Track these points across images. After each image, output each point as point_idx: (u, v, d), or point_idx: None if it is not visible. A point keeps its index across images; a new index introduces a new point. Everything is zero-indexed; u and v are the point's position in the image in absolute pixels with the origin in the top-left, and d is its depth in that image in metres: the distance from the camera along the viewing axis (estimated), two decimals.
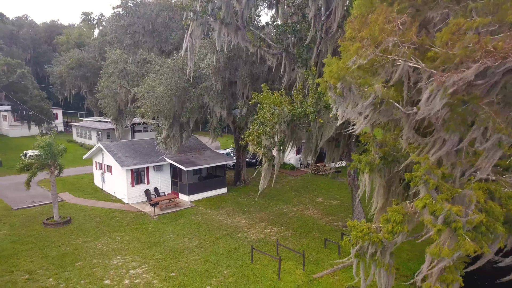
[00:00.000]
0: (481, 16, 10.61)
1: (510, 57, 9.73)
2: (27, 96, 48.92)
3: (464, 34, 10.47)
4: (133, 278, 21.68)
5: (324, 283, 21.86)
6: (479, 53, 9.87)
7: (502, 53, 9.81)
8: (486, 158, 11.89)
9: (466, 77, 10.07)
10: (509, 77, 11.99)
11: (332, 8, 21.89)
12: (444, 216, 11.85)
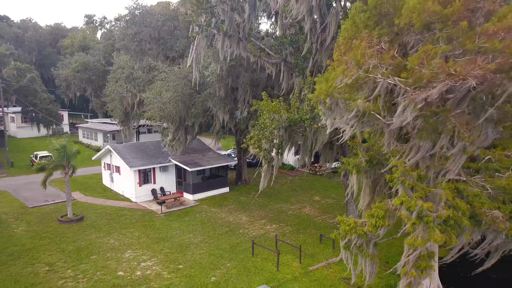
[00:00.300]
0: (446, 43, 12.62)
1: (468, 79, 11.73)
2: (36, 99, 50.97)
3: (432, 58, 12.49)
4: (144, 270, 23.70)
5: (319, 275, 23.88)
6: (443, 75, 11.87)
7: (461, 76, 11.82)
8: (453, 161, 13.91)
9: (432, 95, 12.09)
10: (478, 91, 14.02)
11: (326, 22, 23.90)
12: (417, 211, 13.86)
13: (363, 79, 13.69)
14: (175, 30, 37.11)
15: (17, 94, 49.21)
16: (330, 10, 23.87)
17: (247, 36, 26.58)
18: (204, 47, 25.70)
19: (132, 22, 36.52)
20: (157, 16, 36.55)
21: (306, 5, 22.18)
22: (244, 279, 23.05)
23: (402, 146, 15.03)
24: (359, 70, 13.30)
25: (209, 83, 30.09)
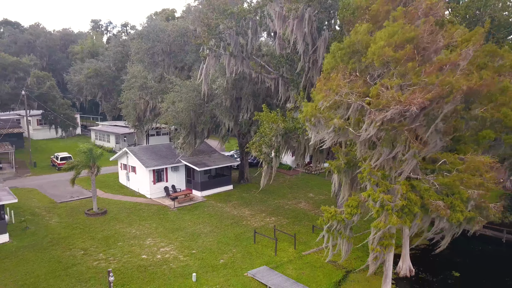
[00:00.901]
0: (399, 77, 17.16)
1: (411, 106, 16.25)
2: (55, 105, 55.43)
3: (388, 89, 17.03)
4: (163, 254, 28.27)
5: (310, 258, 28.49)
6: (394, 102, 16.40)
7: (407, 103, 16.35)
8: (407, 164, 18.45)
9: (387, 116, 16.60)
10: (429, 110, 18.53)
11: (317, 46, 28.46)
12: (380, 202, 18.40)
13: (339, 102, 18.22)
14: (185, 45, 41.56)
15: (39, 100, 53.72)
16: (321, 35, 28.42)
17: (249, 55, 31.11)
18: (213, 65, 30.26)
19: (147, 38, 40.94)
20: (169, 32, 40.98)
21: (300, 32, 26.68)
22: (247, 261, 27.62)
23: (370, 152, 19.56)
24: (336, 96, 17.84)
25: (216, 94, 34.59)
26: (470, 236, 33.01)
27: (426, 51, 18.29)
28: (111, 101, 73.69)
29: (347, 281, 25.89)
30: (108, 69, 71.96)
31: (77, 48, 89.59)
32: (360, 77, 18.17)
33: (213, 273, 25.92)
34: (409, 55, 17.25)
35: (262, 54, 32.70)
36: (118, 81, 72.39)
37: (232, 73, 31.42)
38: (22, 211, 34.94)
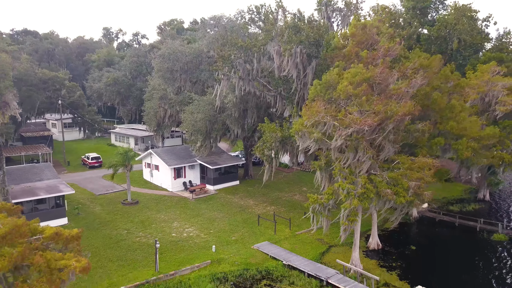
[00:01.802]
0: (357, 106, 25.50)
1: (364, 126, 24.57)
2: (84, 111, 63.68)
3: (350, 113, 25.39)
4: (188, 233, 36.65)
5: (301, 237, 36.85)
6: (353, 123, 24.74)
7: (361, 124, 24.69)
8: (365, 164, 26.83)
9: (348, 133, 24.94)
10: (383, 125, 26.85)
11: (306, 72, 36.83)
12: (346, 190, 26.75)
13: (318, 121, 26.59)
14: (199, 64, 49.74)
15: (71, 107, 61.94)
16: (310, 63, 36.78)
17: (254, 77, 39.44)
18: (226, 86, 38.58)
19: (168, 59, 49.13)
20: (186, 54, 49.17)
21: (293, 63, 35.03)
22: (253, 238, 36.03)
23: (341, 155, 27.96)
24: (316, 117, 26.22)
25: (227, 107, 42.78)
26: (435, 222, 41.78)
27: (381, 84, 26.58)
28: (127, 106, 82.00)
29: (329, 252, 34.29)
30: (124, 78, 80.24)
31: (94, 56, 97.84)
32: (333, 104, 26.52)
33: (228, 246, 34.35)
34: (365, 91, 25.59)
35: (264, 75, 40.92)
36: (134, 88, 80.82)
37: (240, 91, 39.75)
38: (71, 201, 43.29)
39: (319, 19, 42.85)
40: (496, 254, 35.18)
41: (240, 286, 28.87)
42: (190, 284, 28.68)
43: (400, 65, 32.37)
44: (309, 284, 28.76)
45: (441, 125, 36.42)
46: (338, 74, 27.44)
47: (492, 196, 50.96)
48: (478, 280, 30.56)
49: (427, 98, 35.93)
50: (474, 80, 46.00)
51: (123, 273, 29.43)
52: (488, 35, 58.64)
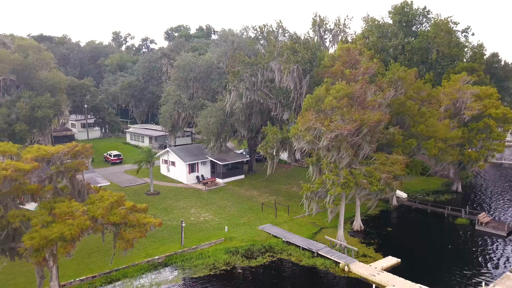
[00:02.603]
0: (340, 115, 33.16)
1: (344, 131, 32.22)
2: (105, 114, 71.20)
3: (333, 121, 33.07)
4: (204, 217, 44.34)
5: (299, 220, 44.54)
6: (336, 128, 32.38)
7: (342, 129, 32.35)
8: (345, 160, 34.53)
9: (332, 136, 32.58)
10: (361, 129, 34.51)
11: (302, 84, 44.47)
12: (332, 180, 34.46)
13: (310, 127, 34.26)
14: (210, 74, 57.27)
15: (94, 110, 69.48)
16: (305, 77, 44.40)
17: (258, 88, 47.06)
18: (235, 95, 46.19)
19: (183, 69, 56.62)
20: (199, 64, 56.69)
21: (291, 78, 42.66)
22: (258, 221, 43.72)
23: (328, 153, 35.65)
24: (308, 124, 33.89)
25: (235, 112, 50.34)
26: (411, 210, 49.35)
27: (359, 98, 34.14)
28: (140, 108, 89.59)
29: (320, 232, 41.93)
30: (137, 82, 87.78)
31: (107, 61, 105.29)
32: (321, 113, 34.15)
33: (237, 227, 42.08)
34: (346, 103, 33.22)
35: (267, 85, 48.47)
36: (146, 92, 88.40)
37: (247, 99, 47.35)
38: None
39: (314, 37, 50.46)
40: (457, 234, 42.89)
41: (248, 256, 36.55)
42: (209, 255, 36.39)
43: (377, 80, 40.00)
44: (303, 255, 36.45)
45: (413, 128, 44.07)
46: (326, 90, 35.06)
47: (464, 188, 58.60)
48: (440, 252, 38.22)
49: (402, 106, 43.66)
50: (447, 88, 53.84)
51: (155, 247, 37.15)
52: (464, 47, 66.09)
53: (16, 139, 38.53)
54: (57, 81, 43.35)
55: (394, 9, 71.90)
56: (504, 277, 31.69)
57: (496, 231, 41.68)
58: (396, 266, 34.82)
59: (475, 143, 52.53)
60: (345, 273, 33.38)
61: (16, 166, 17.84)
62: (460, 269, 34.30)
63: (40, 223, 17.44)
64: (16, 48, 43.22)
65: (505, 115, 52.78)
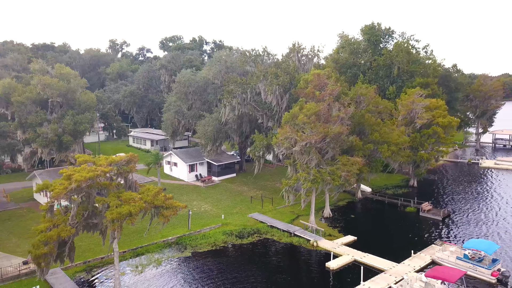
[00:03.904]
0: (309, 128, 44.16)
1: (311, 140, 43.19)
2: (113, 120, 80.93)
3: (304, 132, 44.09)
4: (204, 208, 54.98)
5: (280, 210, 55.48)
6: (306, 138, 43.34)
7: (311, 139, 43.34)
8: (313, 161, 45.58)
9: (303, 143, 43.50)
10: (325, 139, 45.57)
11: (283, 101, 55.44)
12: (304, 177, 45.48)
13: (287, 137, 45.21)
14: (207, 88, 67.74)
15: (102, 117, 79.28)
16: (285, 94, 55.32)
17: (248, 102, 57.80)
18: (229, 109, 56.86)
19: (183, 84, 66.94)
20: (197, 80, 67.05)
21: (274, 96, 53.53)
22: (248, 211, 54.54)
23: (301, 156, 46.67)
24: (285, 135, 44.83)
25: (229, 122, 60.97)
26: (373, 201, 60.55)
27: (325, 114, 45.07)
28: (140, 114, 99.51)
29: (297, 219, 52.83)
30: (138, 90, 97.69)
31: (108, 70, 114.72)
32: (295, 127, 45.07)
33: (232, 215, 52.82)
34: (314, 119, 44.20)
35: (255, 100, 59.24)
36: (146, 99, 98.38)
37: (238, 112, 58.07)
38: None
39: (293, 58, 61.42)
40: (406, 219, 54.28)
41: (241, 237, 47.29)
42: (210, 236, 47.00)
43: (341, 99, 51.08)
44: (283, 235, 47.30)
45: (371, 135, 55.40)
46: (300, 108, 46.00)
47: (419, 183, 70.27)
48: (389, 233, 49.46)
49: (362, 118, 54.90)
50: (404, 100, 65.41)
51: (168, 230, 47.60)
52: (421, 64, 77.80)
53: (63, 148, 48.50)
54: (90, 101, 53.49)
55: (364, 28, 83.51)
56: (429, 247, 43.06)
57: (434, 216, 53.26)
58: (353, 242, 45.87)
59: (426, 146, 64.14)
60: (314, 247, 44.30)
61: (101, 169, 27.96)
62: (401, 243, 45.59)
63: (115, 204, 27.58)
64: (58, 76, 53.12)
65: (450, 123, 64.61)
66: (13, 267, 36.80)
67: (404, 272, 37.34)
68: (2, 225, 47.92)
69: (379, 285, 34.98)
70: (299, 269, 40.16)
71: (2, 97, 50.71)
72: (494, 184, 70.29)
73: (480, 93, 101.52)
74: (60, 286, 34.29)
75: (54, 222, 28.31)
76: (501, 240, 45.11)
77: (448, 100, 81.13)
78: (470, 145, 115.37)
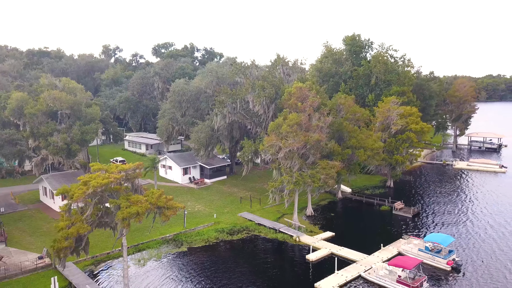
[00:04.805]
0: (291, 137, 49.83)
1: (294, 146, 48.84)
2: (110, 126, 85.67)
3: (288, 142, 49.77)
4: (198, 208, 60.28)
5: (267, 209, 61.06)
6: (288, 145, 48.97)
7: (292, 146, 48.99)
8: (296, 166, 51.26)
9: (286, 150, 49.10)
10: (306, 145, 51.26)
11: (270, 109, 61.07)
12: (287, 180, 51.11)
13: (272, 144, 50.81)
14: (199, 97, 73.02)
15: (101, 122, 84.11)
16: (272, 104, 60.93)
17: (238, 111, 63.26)
18: (220, 118, 62.24)
19: (177, 94, 72.12)
20: (190, 89, 72.29)
21: (261, 106, 59.09)
22: (238, 210, 59.99)
23: (285, 161, 52.32)
24: (271, 142, 50.45)
25: (220, 129, 66.36)
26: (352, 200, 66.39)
27: (306, 124, 50.70)
28: (134, 119, 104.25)
29: (282, 217, 58.45)
30: (132, 96, 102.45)
31: (103, 76, 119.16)
32: (280, 135, 50.66)
33: (223, 215, 58.23)
34: (295, 129, 49.84)
35: (244, 108, 64.74)
36: (140, 105, 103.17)
37: (229, 120, 63.47)
38: None
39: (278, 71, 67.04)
40: (380, 217, 60.24)
41: (231, 234, 52.71)
42: (204, 233, 52.33)
43: (321, 109, 56.82)
44: (269, 232, 52.83)
45: (349, 141, 61.27)
46: (283, 119, 51.64)
47: (395, 184, 76.44)
48: (364, 229, 55.32)
49: (341, 125, 60.73)
50: (381, 108, 71.45)
51: (166, 228, 52.82)
52: (397, 73, 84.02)
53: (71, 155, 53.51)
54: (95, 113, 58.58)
55: (346, 39, 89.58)
56: (397, 241, 48.99)
57: (405, 214, 59.33)
58: (331, 237, 51.57)
59: (400, 150, 70.26)
60: (296, 242, 49.88)
61: (114, 176, 33.11)
62: (373, 238, 51.44)
63: (125, 206, 32.74)
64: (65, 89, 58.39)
65: (422, 129, 70.83)
66: (30, 261, 41.77)
67: (373, 262, 43.11)
68: (14, 225, 52.68)
69: (351, 273, 40.70)
70: (283, 261, 45.73)
71: (15, 109, 55.58)
72: (463, 185, 76.84)
73: (455, 98, 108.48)
74: (73, 277, 39.40)
75: (72, 220, 33.42)
76: (458, 234, 51.29)
77: (423, 107, 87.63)
78: (448, 147, 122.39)
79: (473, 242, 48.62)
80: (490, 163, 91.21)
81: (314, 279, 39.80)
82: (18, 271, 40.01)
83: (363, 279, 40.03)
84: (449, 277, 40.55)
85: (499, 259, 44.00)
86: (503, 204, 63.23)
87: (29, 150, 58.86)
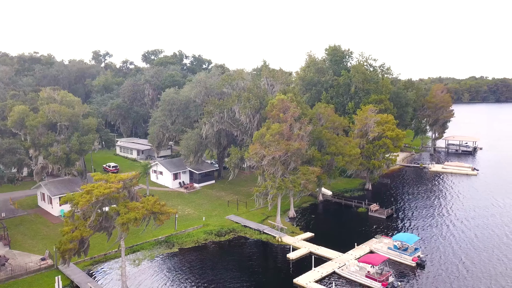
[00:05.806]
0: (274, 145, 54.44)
1: (276, 154, 53.43)
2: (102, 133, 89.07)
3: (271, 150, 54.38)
4: (188, 211, 64.46)
5: (253, 212, 65.54)
6: (271, 153, 53.55)
7: (275, 153, 53.58)
8: (278, 172, 55.86)
9: (269, 157, 53.66)
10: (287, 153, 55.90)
11: (255, 119, 65.62)
12: (270, 185, 55.68)
13: (256, 152, 55.37)
14: (189, 106, 77.19)
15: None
16: (256, 114, 65.48)
17: (225, 120, 67.66)
18: (208, 126, 66.52)
19: (168, 103, 76.17)
20: (179, 98, 76.42)
21: (246, 116, 63.59)
22: (225, 213, 64.33)
23: (269, 167, 56.90)
24: (255, 150, 55.00)
25: (208, 136, 70.64)
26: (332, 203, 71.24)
27: (287, 133, 55.31)
28: (126, 125, 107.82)
29: (267, 219, 62.94)
30: (124, 103, 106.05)
31: (94, 82, 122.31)
32: (263, 144, 55.19)
33: (212, 218, 62.53)
34: (277, 138, 54.44)
35: (231, 117, 69.15)
36: (131, 111, 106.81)
37: (217, 128, 67.81)
38: None
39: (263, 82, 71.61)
40: (357, 218, 65.13)
41: (219, 235, 57.02)
42: (193, 235, 56.54)
43: (301, 118, 61.53)
44: (254, 233, 57.29)
45: (329, 148, 66.13)
46: (266, 129, 56.21)
47: (374, 187, 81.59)
48: (342, 229, 60.12)
49: (320, 133, 65.56)
50: (359, 115, 76.50)
51: (158, 231, 56.87)
52: (375, 82, 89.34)
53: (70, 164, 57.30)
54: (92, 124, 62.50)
55: (328, 49, 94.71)
56: (370, 240, 53.90)
57: (380, 215, 64.37)
58: (310, 238, 56.24)
59: (377, 155, 75.39)
60: (279, 242, 54.39)
61: (115, 185, 37.12)
62: (349, 238, 56.23)
63: (124, 212, 36.78)
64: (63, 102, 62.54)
65: (397, 135, 76.08)
66: (33, 262, 45.57)
67: (347, 259, 47.88)
68: (16, 229, 56.24)
69: (326, 270, 45.39)
70: (266, 259, 50.26)
71: (17, 121, 59.19)
72: (435, 187, 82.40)
73: (431, 104, 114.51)
74: (75, 276, 43.35)
75: (75, 225, 37.47)
76: (424, 233, 56.51)
77: (400, 114, 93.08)
78: (427, 150, 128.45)
79: (435, 240, 53.84)
80: (463, 166, 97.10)
81: (293, 275, 44.36)
82: (23, 271, 43.78)
83: (337, 275, 44.76)
84: (413, 272, 45.53)
85: (457, 254, 49.30)
86: (468, 206, 68.83)
87: (28, 159, 62.42)
